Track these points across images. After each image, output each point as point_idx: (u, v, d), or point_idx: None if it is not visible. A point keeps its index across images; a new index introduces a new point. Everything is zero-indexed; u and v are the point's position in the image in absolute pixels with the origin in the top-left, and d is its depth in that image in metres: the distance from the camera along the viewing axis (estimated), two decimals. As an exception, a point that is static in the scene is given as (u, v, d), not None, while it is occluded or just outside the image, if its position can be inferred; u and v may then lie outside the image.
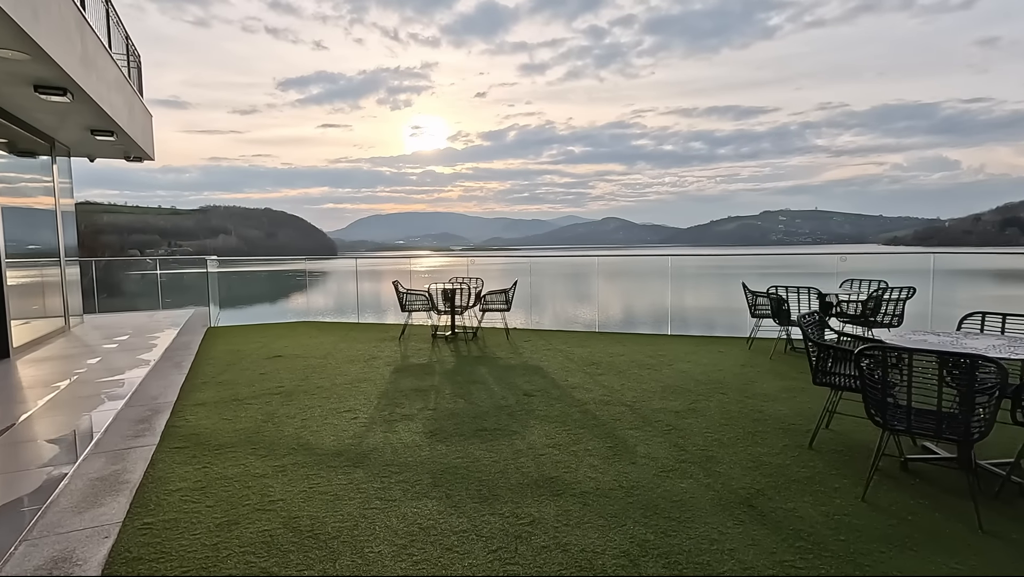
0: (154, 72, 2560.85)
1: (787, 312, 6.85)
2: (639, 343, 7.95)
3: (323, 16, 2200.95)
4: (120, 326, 9.82)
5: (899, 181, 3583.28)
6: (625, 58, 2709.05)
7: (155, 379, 5.89)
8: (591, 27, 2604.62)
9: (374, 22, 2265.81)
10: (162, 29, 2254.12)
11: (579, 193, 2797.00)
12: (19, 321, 7.46)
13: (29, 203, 8.46)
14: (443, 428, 4.31)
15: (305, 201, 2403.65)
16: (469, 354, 7.23)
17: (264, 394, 5.32)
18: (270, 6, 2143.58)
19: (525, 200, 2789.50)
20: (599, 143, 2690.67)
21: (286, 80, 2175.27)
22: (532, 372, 6.13)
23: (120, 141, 9.56)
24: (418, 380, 5.82)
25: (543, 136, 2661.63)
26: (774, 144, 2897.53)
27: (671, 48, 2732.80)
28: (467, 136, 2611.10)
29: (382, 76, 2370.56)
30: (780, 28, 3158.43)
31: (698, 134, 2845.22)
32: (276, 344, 8.10)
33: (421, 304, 8.23)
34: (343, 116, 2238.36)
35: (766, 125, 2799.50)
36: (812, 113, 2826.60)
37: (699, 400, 5.00)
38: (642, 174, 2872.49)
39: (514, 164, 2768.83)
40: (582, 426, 4.34)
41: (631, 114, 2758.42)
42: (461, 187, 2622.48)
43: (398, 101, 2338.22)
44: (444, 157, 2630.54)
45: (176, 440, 4.08)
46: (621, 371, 6.16)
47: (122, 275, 14.39)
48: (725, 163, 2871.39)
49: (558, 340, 8.27)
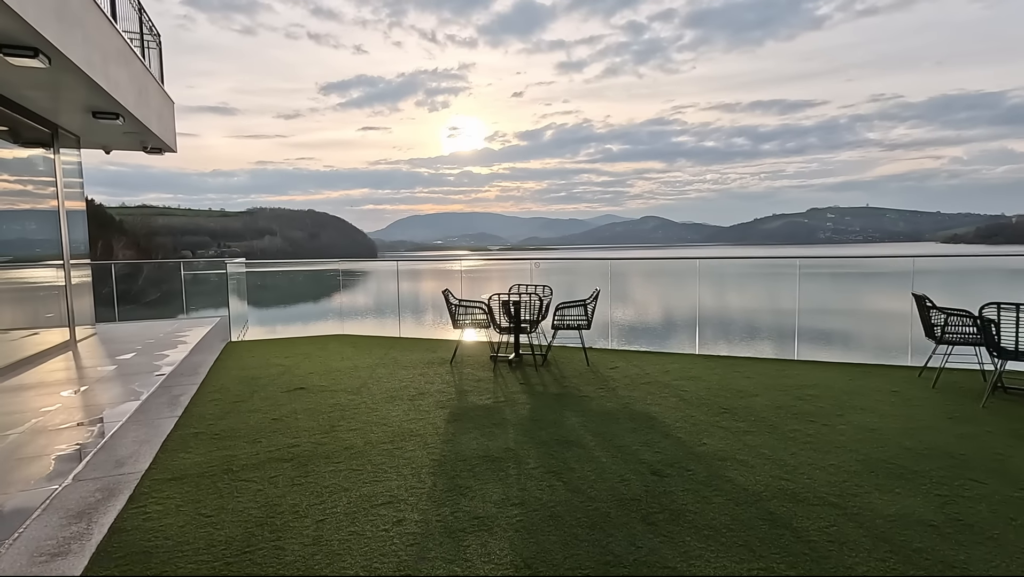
0: (205, 80, 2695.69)
1: (995, 338, 4.82)
2: (763, 371, 6.03)
3: (363, 20, 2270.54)
4: (133, 339, 8.55)
5: (959, 175, 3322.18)
6: (665, 53, 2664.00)
7: (136, 426, 4.39)
8: (629, 23, 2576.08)
9: (412, 24, 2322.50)
10: (212, 39, 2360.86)
11: (617, 192, 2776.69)
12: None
13: (23, 198, 7.22)
14: (544, 551, 2.58)
15: (346, 202, 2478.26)
16: (545, 389, 5.49)
17: (270, 461, 3.71)
18: (312, 12, 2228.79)
19: (562, 199, 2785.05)
20: (638, 141, 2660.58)
21: (328, 84, 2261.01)
22: (644, 424, 4.33)
23: (131, 127, 8.26)
24: (486, 437, 4.11)
25: (580, 135, 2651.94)
26: (822, 139, 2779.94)
27: (713, 42, 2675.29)
28: (504, 136, 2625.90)
29: (420, 78, 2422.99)
30: (829, 18, 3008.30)
31: (741, 129, 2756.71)
32: (301, 368, 6.56)
33: (477, 320, 6.54)
34: (382, 119, 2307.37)
35: (813, 119, 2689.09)
36: (863, 105, 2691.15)
37: (948, 494, 3.08)
38: (682, 171, 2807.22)
39: (551, 163, 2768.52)
40: (781, 554, 2.52)
41: (671, 110, 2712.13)
42: (498, 187, 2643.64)
43: (436, 103, 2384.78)
44: (481, 157, 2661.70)
45: (112, 566, 2.50)
46: (772, 425, 4.29)
47: (173, 277, 13.32)
48: (770, 159, 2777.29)
49: (652, 364, 6.43)
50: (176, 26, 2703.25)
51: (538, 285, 7.42)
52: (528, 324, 6.62)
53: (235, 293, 10.52)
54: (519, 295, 6.58)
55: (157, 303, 12.56)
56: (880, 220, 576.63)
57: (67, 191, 8.29)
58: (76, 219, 8.64)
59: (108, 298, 11.40)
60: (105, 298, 11.81)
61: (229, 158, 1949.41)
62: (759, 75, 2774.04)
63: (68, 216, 8.23)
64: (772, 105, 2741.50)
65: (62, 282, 7.99)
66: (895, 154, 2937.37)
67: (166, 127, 9.65)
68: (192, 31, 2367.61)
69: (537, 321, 6.54)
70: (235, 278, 10.42)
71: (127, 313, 11.45)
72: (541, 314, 6.56)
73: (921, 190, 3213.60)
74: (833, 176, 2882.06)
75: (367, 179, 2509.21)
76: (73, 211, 8.50)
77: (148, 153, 10.18)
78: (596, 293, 6.48)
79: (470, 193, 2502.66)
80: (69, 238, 8.23)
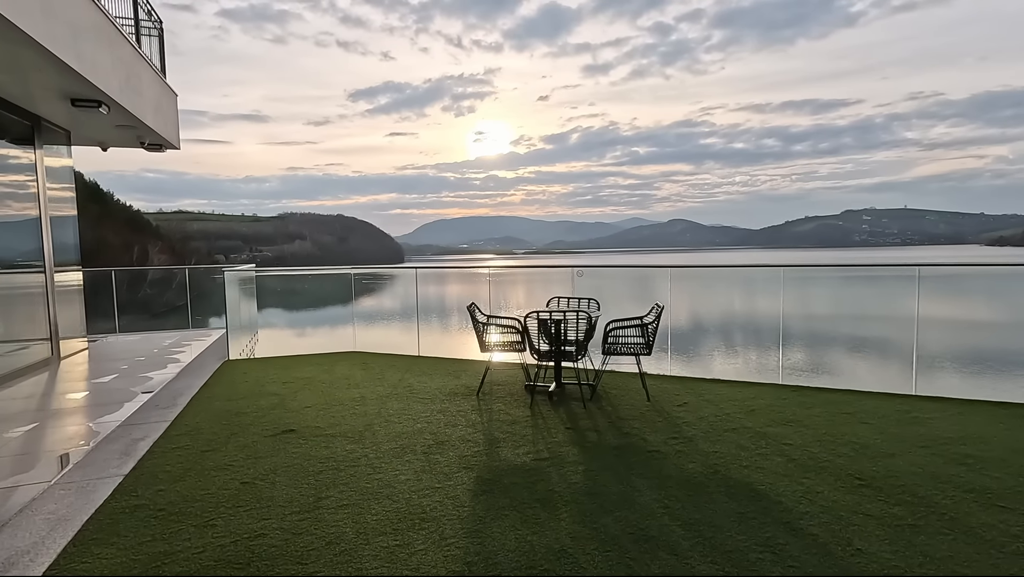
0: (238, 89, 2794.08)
1: None
2: (880, 411, 4.64)
3: (390, 27, 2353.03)
4: (124, 354, 7.62)
5: (1004, 175, 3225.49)
6: (692, 54, 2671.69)
7: (62, 493, 3.30)
8: (656, 24, 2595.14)
9: (438, 30, 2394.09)
10: (245, 49, 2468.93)
11: (644, 195, 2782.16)
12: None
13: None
14: None
15: (374, 207, 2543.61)
16: (600, 438, 4.23)
17: (217, 564, 2.56)
18: (341, 20, 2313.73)
19: (588, 203, 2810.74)
20: (665, 143, 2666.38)
21: (356, 91, 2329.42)
22: (751, 506, 3.03)
23: (122, 119, 7.34)
24: (527, 527, 2.88)
25: (606, 137, 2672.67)
26: (857, 139, 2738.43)
27: (742, 42, 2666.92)
28: (529, 140, 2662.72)
29: (446, 84, 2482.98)
30: (864, 14, 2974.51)
31: (771, 130, 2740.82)
32: (298, 399, 5.46)
33: (510, 342, 5.32)
34: (409, 124, 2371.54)
35: (848, 119, 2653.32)
36: (900, 104, 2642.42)
37: None
38: (710, 174, 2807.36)
39: (577, 167, 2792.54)
40: None
41: (699, 112, 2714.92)
42: (523, 191, 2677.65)
43: (462, 108, 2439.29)
44: (507, 161, 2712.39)
45: None
46: (945, 513, 2.94)
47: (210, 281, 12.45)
48: (801, 160, 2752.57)
49: (728, 398, 5.11)
50: (211, 37, 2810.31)
51: (581, 298, 6.17)
52: (573, 347, 5.38)
53: (247, 299, 9.58)
54: (561, 312, 5.34)
55: (173, 313, 11.74)
56: (919, 222, 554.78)
57: (53, 187, 7.41)
58: (64, 221, 7.77)
59: (131, 305, 10.63)
60: (127, 306, 11.03)
61: (261, 164, 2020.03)
62: (790, 75, 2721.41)
63: (53, 218, 7.35)
64: (804, 105, 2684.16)
65: (42, 291, 7.10)
66: (935, 153, 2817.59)
67: (166, 121, 8.74)
68: (226, 41, 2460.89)
69: (584, 344, 5.29)
70: (246, 284, 9.49)
71: (136, 324, 10.65)
72: (588, 335, 5.31)
73: (963, 190, 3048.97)
74: (869, 177, 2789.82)
75: (394, 184, 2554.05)
76: (60, 215, 7.62)
77: (148, 150, 9.30)
78: (659, 310, 5.19)
79: (496, 197, 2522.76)
80: (54, 242, 7.34)
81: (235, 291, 9.07)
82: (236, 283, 8.93)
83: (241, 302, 9.36)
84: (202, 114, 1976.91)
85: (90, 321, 8.72)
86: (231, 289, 7.61)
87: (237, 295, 9.16)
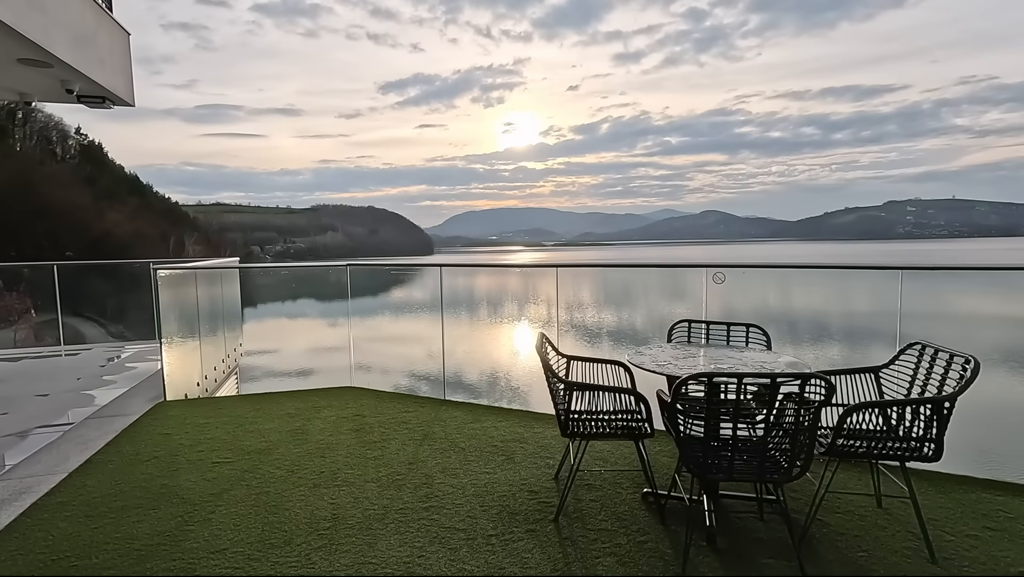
0: (272, 83, 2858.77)
1: None
2: None
3: (419, 19, 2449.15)
4: (40, 378, 5.26)
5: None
6: (728, 40, 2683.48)
7: None
8: (690, 9, 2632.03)
9: (467, 21, 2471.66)
10: (278, 43, 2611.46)
11: (675, 185, 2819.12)
12: None
13: None
14: None
15: (404, 199, 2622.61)
16: None
17: None
18: (371, 13, 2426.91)
19: (618, 194, 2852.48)
20: (698, 132, 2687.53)
21: (386, 84, 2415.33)
22: None
23: (17, 47, 4.98)
24: None
25: (637, 127, 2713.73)
26: (901, 126, 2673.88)
27: (780, 26, 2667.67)
28: (559, 131, 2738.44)
29: (476, 75, 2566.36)
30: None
31: (810, 118, 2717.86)
32: (223, 504, 2.97)
33: (623, 426, 2.69)
34: (439, 116, 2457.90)
35: (892, 105, 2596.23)
36: (950, 89, 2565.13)
37: None
38: (745, 164, 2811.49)
39: (607, 157, 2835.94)
40: None
41: (734, 100, 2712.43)
42: (553, 182, 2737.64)
43: (491, 99, 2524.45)
44: (536, 152, 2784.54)
45: None
46: None
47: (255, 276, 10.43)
48: (842, 149, 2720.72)
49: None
50: (245, 32, 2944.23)
51: (732, 324, 3.43)
52: (756, 450, 2.67)
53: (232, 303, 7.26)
54: (723, 380, 2.63)
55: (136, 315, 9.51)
56: (969, 213, 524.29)
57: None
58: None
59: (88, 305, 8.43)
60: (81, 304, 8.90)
61: (295, 157, 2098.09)
62: (831, 60, 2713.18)
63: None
64: (845, 92, 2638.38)
65: None
66: (986, 141, 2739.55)
67: (103, 62, 6.40)
68: (260, 36, 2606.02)
69: (782, 436, 2.55)
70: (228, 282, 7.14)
71: (86, 329, 8.43)
72: (773, 411, 2.59)
73: (1018, 180, 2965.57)
74: (914, 166, 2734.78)
75: (424, 176, 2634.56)
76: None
77: (88, 105, 6.95)
78: (974, 366, 2.42)
79: (525, 188, 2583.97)
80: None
81: (213, 290, 6.69)
82: (207, 281, 6.54)
83: (219, 304, 7.00)
84: (238, 108, 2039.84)
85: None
86: (166, 292, 5.14)
87: (214, 295, 6.79)
